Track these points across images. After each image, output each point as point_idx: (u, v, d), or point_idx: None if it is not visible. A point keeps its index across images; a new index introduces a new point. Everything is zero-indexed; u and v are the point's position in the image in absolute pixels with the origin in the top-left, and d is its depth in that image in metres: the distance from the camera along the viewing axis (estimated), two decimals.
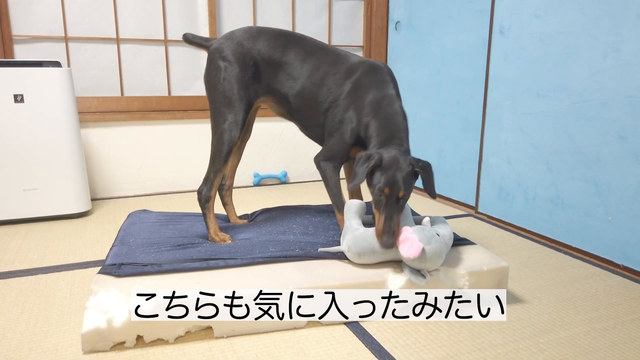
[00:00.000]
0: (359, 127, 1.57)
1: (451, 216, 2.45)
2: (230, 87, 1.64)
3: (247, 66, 1.65)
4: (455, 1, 2.54)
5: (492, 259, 1.51)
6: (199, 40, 1.76)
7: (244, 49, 1.66)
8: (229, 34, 1.71)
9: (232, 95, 1.64)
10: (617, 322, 1.41)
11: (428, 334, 1.33)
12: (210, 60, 1.69)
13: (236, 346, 1.25)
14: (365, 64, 1.64)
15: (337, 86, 1.63)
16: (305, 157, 3.17)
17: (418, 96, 2.88)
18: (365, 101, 1.57)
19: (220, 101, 1.65)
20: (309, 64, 1.67)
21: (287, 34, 1.72)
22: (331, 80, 1.64)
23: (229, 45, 1.67)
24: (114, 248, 1.53)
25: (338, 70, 1.64)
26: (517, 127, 2.20)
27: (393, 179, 1.39)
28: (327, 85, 1.64)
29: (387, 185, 1.39)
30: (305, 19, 3.08)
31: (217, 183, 1.70)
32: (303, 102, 1.68)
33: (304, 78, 1.66)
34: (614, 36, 1.76)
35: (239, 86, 1.64)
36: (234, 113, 1.64)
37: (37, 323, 1.36)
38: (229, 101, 1.64)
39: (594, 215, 1.88)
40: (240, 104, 1.65)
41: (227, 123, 1.64)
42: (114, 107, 2.73)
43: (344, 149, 1.61)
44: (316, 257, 1.49)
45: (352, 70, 1.64)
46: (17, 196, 2.20)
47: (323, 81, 1.65)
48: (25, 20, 2.50)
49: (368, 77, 1.61)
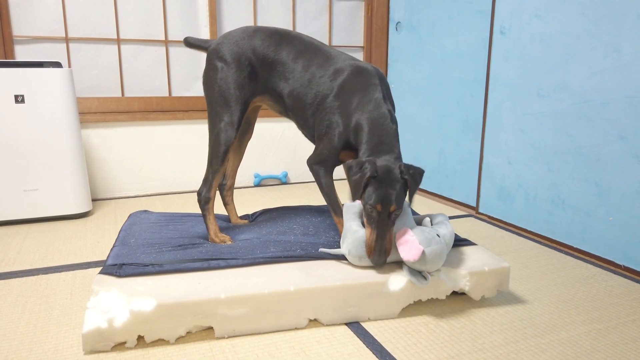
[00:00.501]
0: (347, 131, 1.55)
1: (452, 217, 2.45)
2: (227, 87, 1.64)
3: (242, 65, 1.65)
4: (456, 2, 2.54)
5: (493, 259, 1.51)
6: (199, 42, 1.77)
7: (240, 49, 1.66)
8: (226, 34, 1.72)
9: (228, 95, 1.64)
10: (619, 323, 1.41)
11: (429, 334, 1.32)
12: (208, 60, 1.70)
13: (237, 346, 1.25)
14: (352, 67, 1.61)
15: (323, 88, 1.61)
16: (305, 157, 3.17)
17: (418, 96, 2.88)
18: (352, 105, 1.54)
19: (216, 101, 1.65)
20: (299, 64, 1.65)
21: (282, 32, 1.71)
22: (318, 82, 1.62)
23: (225, 45, 1.67)
24: (114, 248, 1.53)
25: (325, 72, 1.62)
26: (518, 127, 2.20)
27: (385, 195, 1.36)
28: (315, 87, 1.62)
29: (378, 202, 1.36)
30: (306, 19, 3.08)
31: (216, 184, 1.70)
32: (294, 102, 1.67)
33: (294, 79, 1.65)
34: (614, 36, 1.76)
35: (235, 86, 1.64)
36: (229, 113, 1.64)
37: (37, 323, 1.36)
38: (225, 101, 1.64)
39: (594, 216, 1.88)
40: (237, 104, 1.64)
41: (223, 123, 1.64)
42: (114, 107, 2.73)
43: (333, 153, 1.59)
44: (317, 258, 1.49)
45: (338, 72, 1.61)
46: (17, 197, 2.20)
47: (311, 83, 1.63)
48: (25, 21, 2.50)
49: (354, 80, 1.57)
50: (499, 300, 1.53)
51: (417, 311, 1.44)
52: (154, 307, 1.21)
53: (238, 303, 1.27)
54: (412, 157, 2.99)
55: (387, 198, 1.36)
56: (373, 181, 1.38)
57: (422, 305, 1.48)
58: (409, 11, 2.93)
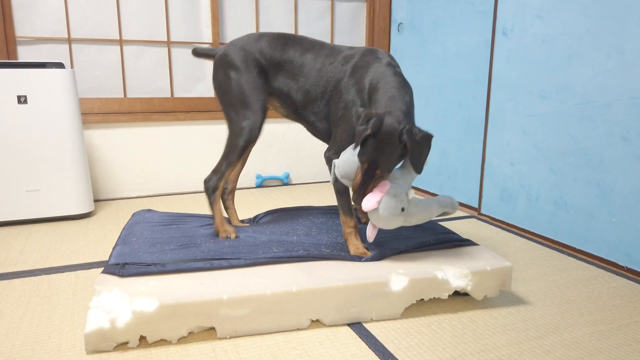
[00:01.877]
0: (364, 105, 1.56)
1: (454, 218, 2.45)
2: (243, 89, 1.69)
3: (251, 67, 1.69)
4: (458, 3, 2.54)
5: (495, 259, 1.51)
6: (206, 51, 1.83)
7: (247, 52, 1.70)
8: (231, 41, 1.76)
9: (245, 97, 1.68)
10: (622, 324, 1.40)
11: (432, 335, 1.32)
12: (216, 67, 1.74)
13: (239, 347, 1.25)
14: (361, 49, 1.65)
15: (336, 73, 1.63)
16: (307, 158, 3.17)
17: (420, 98, 2.88)
18: (366, 80, 1.56)
19: (235, 104, 1.69)
20: (307, 58, 1.68)
21: (287, 35, 1.75)
22: (329, 69, 1.65)
23: (232, 51, 1.71)
24: (117, 247, 1.53)
25: (334, 60, 1.65)
26: (520, 128, 2.20)
27: (374, 157, 1.38)
28: (325, 74, 1.65)
29: (367, 162, 1.39)
30: (308, 20, 3.08)
31: (227, 175, 1.73)
32: (305, 97, 1.68)
33: (303, 73, 1.68)
34: (617, 37, 1.76)
35: (250, 86, 1.68)
36: (252, 111, 1.68)
37: (40, 324, 1.36)
38: (244, 102, 1.68)
39: (597, 217, 1.88)
40: (256, 102, 1.69)
41: (247, 121, 1.68)
42: (116, 108, 2.74)
43: (352, 136, 1.55)
44: (319, 258, 1.49)
45: (348, 57, 1.65)
46: (20, 197, 2.20)
47: (321, 72, 1.66)
48: (28, 22, 2.51)
49: (366, 58, 1.60)
50: (501, 301, 1.53)
51: (420, 312, 1.44)
52: (156, 307, 1.21)
53: (240, 303, 1.27)
54: None
55: (374, 161, 1.38)
56: (371, 139, 1.37)
57: (425, 305, 1.48)
58: (410, 12, 2.93)
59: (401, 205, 1.40)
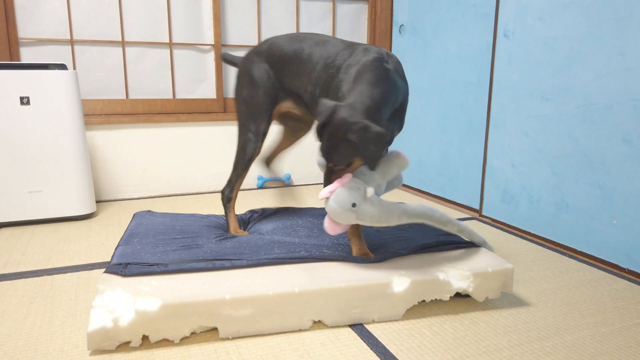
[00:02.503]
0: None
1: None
2: (252, 101, 1.77)
3: (263, 74, 1.75)
4: (459, 5, 2.55)
5: (496, 260, 1.51)
6: (232, 58, 1.92)
7: (260, 59, 1.76)
8: (252, 49, 1.83)
9: (252, 108, 1.77)
10: (623, 326, 1.40)
11: (433, 336, 1.32)
12: (237, 75, 1.83)
13: (241, 348, 1.25)
14: (363, 44, 1.61)
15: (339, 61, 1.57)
16: (309, 159, 3.18)
17: (422, 99, 2.89)
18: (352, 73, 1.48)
19: (244, 114, 1.79)
20: (314, 54, 1.66)
21: (295, 34, 1.77)
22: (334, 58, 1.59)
23: (249, 59, 1.79)
24: (119, 247, 1.54)
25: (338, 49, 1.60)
26: (522, 130, 2.20)
27: (325, 150, 1.39)
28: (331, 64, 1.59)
29: (320, 153, 1.41)
30: (310, 22, 3.09)
31: (239, 185, 1.84)
32: (314, 87, 1.66)
33: (311, 64, 1.66)
34: (618, 40, 1.77)
35: (260, 98, 1.75)
36: (255, 124, 1.77)
37: (42, 324, 1.36)
38: (251, 114, 1.77)
39: (598, 219, 1.88)
40: (263, 115, 1.77)
41: (250, 134, 1.78)
42: (119, 109, 2.74)
43: None
44: (321, 259, 1.49)
45: (351, 45, 1.60)
46: (22, 198, 2.21)
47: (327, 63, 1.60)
48: (31, 23, 2.52)
49: (364, 51, 1.53)
50: (502, 303, 1.53)
51: (421, 313, 1.45)
52: (159, 307, 1.22)
53: (242, 304, 1.27)
54: (416, 160, 2.99)
55: (326, 153, 1.40)
56: (326, 130, 1.36)
57: (426, 307, 1.48)
58: (412, 14, 2.94)
59: (352, 200, 1.37)
